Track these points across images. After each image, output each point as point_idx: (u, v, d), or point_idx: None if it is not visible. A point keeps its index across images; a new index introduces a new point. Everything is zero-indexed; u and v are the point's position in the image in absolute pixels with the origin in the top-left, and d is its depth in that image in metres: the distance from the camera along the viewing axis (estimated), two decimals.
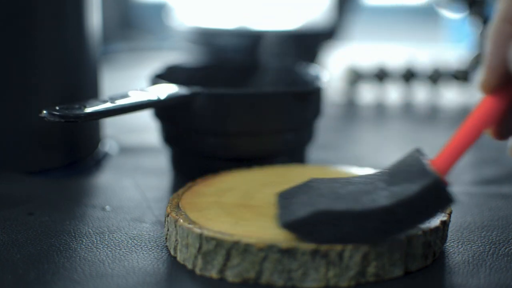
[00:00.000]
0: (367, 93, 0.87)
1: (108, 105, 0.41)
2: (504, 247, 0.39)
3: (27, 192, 0.48)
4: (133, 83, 0.89)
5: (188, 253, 0.36)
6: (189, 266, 0.36)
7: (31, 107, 0.49)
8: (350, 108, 0.81)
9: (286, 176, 0.45)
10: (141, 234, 0.41)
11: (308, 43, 0.88)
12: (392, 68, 0.85)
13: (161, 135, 0.52)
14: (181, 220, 0.37)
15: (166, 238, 0.39)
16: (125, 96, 0.43)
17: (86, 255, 0.38)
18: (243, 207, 0.39)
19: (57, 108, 0.41)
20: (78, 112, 0.40)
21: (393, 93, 0.87)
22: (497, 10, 0.35)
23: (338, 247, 0.34)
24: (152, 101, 0.43)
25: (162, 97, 0.44)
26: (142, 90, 0.45)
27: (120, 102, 0.42)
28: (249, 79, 0.59)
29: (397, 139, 0.66)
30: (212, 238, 0.35)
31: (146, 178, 0.52)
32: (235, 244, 0.34)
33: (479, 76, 0.35)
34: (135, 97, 0.42)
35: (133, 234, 0.41)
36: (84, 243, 0.39)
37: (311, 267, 0.34)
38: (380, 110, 0.80)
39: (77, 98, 0.51)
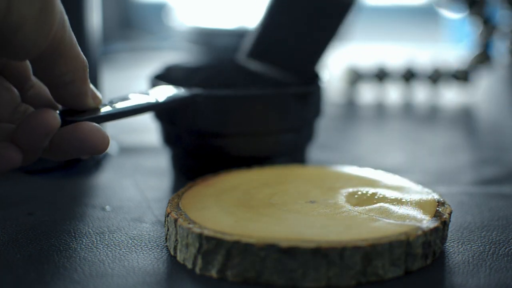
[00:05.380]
0: (367, 93, 0.87)
1: (107, 109, 0.41)
2: (504, 247, 0.39)
3: (27, 192, 0.48)
4: (133, 83, 0.89)
5: (188, 253, 0.36)
6: (189, 266, 0.36)
7: None
8: (350, 108, 0.81)
9: (286, 176, 0.45)
10: (141, 234, 0.41)
11: None
12: (392, 68, 0.85)
13: (161, 135, 0.52)
14: (181, 220, 0.37)
15: (166, 238, 0.39)
16: (125, 99, 0.43)
17: (86, 255, 0.38)
18: (243, 207, 0.39)
19: (58, 112, 0.41)
20: (78, 117, 0.40)
21: (393, 93, 0.87)
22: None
23: (338, 247, 0.34)
24: (152, 104, 0.43)
25: (162, 99, 0.44)
26: (142, 93, 0.45)
27: (120, 106, 0.42)
28: (249, 79, 0.59)
29: (397, 139, 0.66)
30: (212, 238, 0.35)
31: (146, 178, 0.52)
32: (235, 244, 0.34)
33: None
34: (135, 100, 0.42)
35: (133, 234, 0.41)
36: (84, 243, 0.39)
37: (311, 266, 0.34)
38: (380, 110, 0.80)
39: None
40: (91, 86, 0.37)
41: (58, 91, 0.35)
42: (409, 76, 0.85)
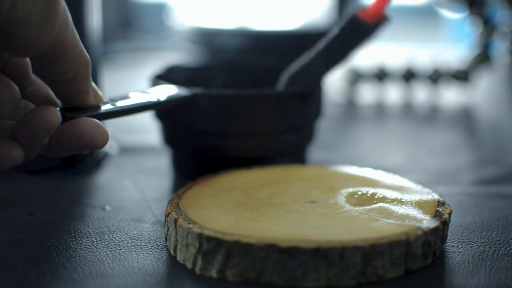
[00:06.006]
0: (367, 93, 0.87)
1: (108, 107, 0.41)
2: (504, 247, 0.39)
3: (27, 192, 0.48)
4: (133, 83, 0.89)
5: (188, 253, 0.36)
6: (189, 266, 0.36)
7: None
8: (350, 108, 0.81)
9: (286, 176, 0.45)
10: (141, 234, 0.41)
11: (308, 43, 0.88)
12: (392, 68, 0.85)
13: (162, 135, 0.52)
14: (181, 220, 0.37)
15: (166, 238, 0.39)
16: (125, 97, 0.43)
17: (86, 255, 0.38)
18: (243, 207, 0.39)
19: (58, 109, 0.41)
20: (78, 114, 0.40)
21: (393, 93, 0.87)
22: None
23: (338, 247, 0.34)
24: (153, 103, 0.43)
25: (163, 98, 0.44)
26: (142, 91, 0.45)
27: (120, 104, 0.42)
28: (250, 79, 0.59)
29: (397, 139, 0.66)
30: (212, 238, 0.35)
31: (146, 178, 0.52)
32: (235, 244, 0.34)
33: None
34: (135, 98, 0.42)
35: (133, 234, 0.41)
36: (84, 243, 0.39)
37: (311, 266, 0.34)
38: (380, 110, 0.80)
39: None
40: (93, 84, 0.37)
41: (60, 88, 0.35)
42: (409, 76, 0.85)
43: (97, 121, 0.35)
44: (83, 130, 0.34)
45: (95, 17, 0.54)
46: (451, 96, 0.86)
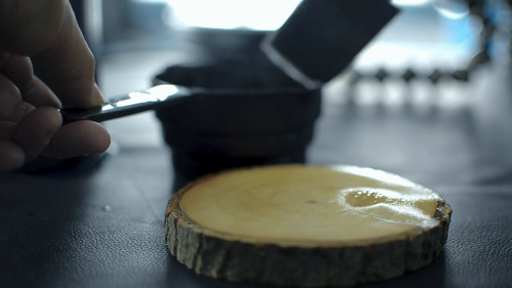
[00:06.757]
0: (367, 93, 0.87)
1: (108, 107, 0.41)
2: (504, 247, 0.39)
3: (27, 192, 0.48)
4: (133, 83, 0.89)
5: (188, 253, 0.36)
6: (189, 266, 0.36)
7: None
8: (350, 108, 0.81)
9: (286, 176, 0.45)
10: (141, 234, 0.41)
11: None
12: (392, 68, 0.85)
13: (162, 135, 0.52)
14: (181, 220, 0.37)
15: (166, 238, 0.39)
16: (125, 98, 0.43)
17: (86, 255, 0.38)
18: (243, 207, 0.39)
19: (59, 110, 0.40)
20: (79, 116, 0.40)
21: (393, 93, 0.87)
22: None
23: (338, 247, 0.34)
24: (153, 103, 0.43)
25: (163, 98, 0.44)
26: (142, 91, 0.45)
27: (120, 104, 0.42)
28: (249, 79, 0.59)
29: (397, 139, 0.66)
30: (212, 238, 0.35)
31: (146, 178, 0.52)
32: (235, 244, 0.34)
33: None
34: (136, 99, 0.42)
35: (133, 234, 0.41)
36: (84, 243, 0.39)
37: (311, 266, 0.34)
38: (380, 110, 0.80)
39: None
40: (95, 84, 0.37)
41: (62, 87, 0.35)
42: (409, 76, 0.85)
43: (99, 124, 0.35)
44: (85, 133, 0.34)
45: (95, 17, 0.55)
46: (451, 96, 0.86)
